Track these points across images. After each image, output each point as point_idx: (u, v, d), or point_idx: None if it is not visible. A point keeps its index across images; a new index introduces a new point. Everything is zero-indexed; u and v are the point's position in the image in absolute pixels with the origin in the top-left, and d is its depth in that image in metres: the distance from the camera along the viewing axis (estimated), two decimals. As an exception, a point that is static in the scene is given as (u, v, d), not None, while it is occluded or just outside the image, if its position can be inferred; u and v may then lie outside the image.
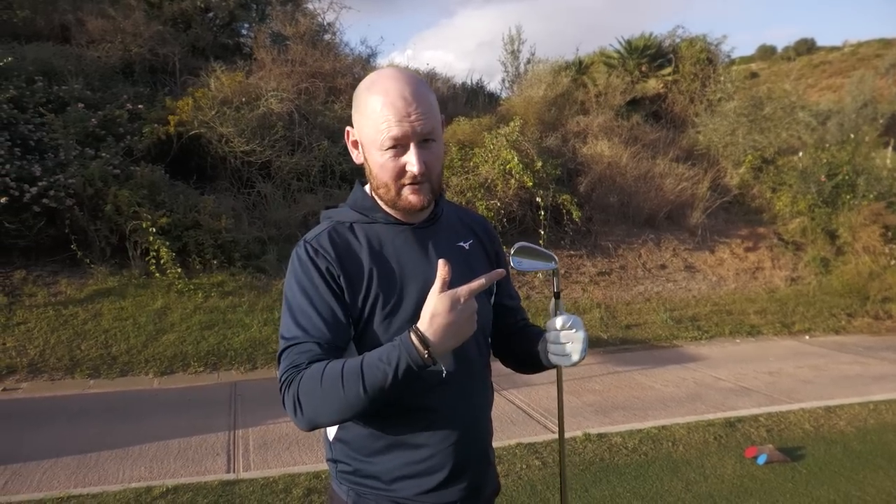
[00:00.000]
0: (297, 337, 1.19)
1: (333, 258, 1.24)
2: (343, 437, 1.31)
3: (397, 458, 1.27)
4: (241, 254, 7.56)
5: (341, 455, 1.32)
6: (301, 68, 9.95)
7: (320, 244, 1.26)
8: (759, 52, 43.93)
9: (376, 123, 1.19)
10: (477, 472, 1.35)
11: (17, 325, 6.12)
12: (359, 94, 1.25)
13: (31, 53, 8.64)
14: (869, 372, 6.65)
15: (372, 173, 1.26)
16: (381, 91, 1.20)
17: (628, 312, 8.43)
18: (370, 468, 1.29)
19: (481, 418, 1.38)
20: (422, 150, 1.20)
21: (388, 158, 1.20)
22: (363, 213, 1.31)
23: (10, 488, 3.62)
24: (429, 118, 1.20)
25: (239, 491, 3.56)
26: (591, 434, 4.52)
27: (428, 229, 1.34)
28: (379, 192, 1.27)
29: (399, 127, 1.17)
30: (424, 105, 1.20)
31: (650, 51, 13.38)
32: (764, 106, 11.38)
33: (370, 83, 1.23)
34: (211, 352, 6.25)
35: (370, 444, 1.28)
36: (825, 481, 3.86)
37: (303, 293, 1.22)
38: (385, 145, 1.19)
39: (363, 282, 1.24)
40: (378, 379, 1.07)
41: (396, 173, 1.21)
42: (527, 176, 8.76)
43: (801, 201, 10.68)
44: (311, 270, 1.23)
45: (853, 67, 23.87)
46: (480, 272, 1.33)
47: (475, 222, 1.48)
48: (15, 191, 6.53)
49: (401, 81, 1.20)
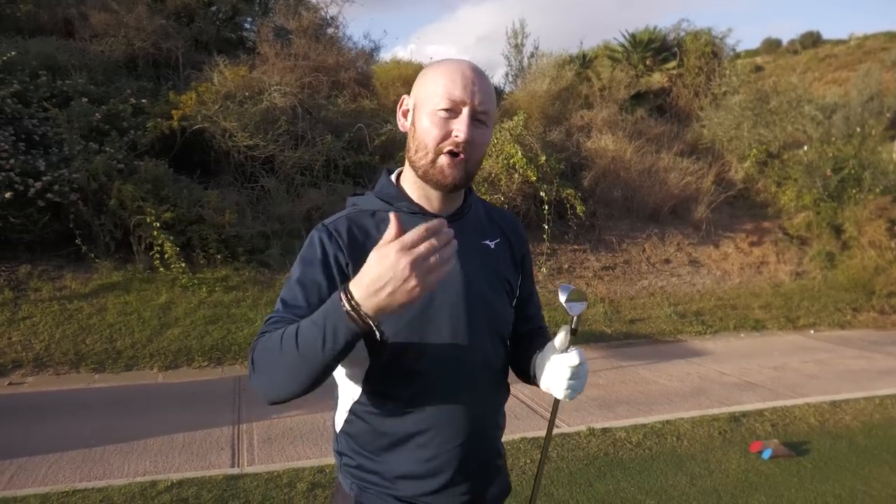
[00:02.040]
0: (278, 310, 1.18)
1: (346, 244, 1.21)
2: (349, 431, 1.29)
3: (400, 457, 1.24)
4: (245, 248, 7.56)
5: (346, 448, 1.31)
6: (304, 62, 9.93)
7: (336, 228, 1.23)
8: (764, 46, 43.61)
9: (440, 84, 1.19)
10: (482, 477, 1.31)
11: (22, 319, 6.13)
12: (427, 67, 1.27)
13: (35, 48, 8.63)
14: (874, 366, 6.63)
15: (415, 135, 1.22)
16: (453, 61, 1.23)
17: (632, 307, 8.41)
18: (373, 465, 1.26)
19: (490, 424, 1.33)
20: (473, 124, 1.19)
21: (438, 120, 1.18)
22: (387, 202, 1.27)
23: (16, 482, 3.63)
24: (488, 99, 1.21)
25: (243, 485, 3.57)
26: (595, 429, 4.52)
27: (455, 224, 1.23)
28: (415, 157, 1.22)
29: (462, 90, 1.17)
30: (487, 86, 1.21)
31: (655, 44, 13.31)
32: (769, 100, 11.32)
33: (441, 59, 1.27)
34: (215, 346, 6.26)
35: (374, 441, 1.26)
36: (830, 476, 3.85)
37: (300, 270, 1.21)
38: (440, 105, 1.17)
39: None
40: (310, 341, 1.00)
41: (441, 136, 1.18)
42: (531, 170, 8.73)
43: (806, 195, 10.64)
44: (317, 252, 1.21)
45: (859, 61, 23.68)
46: (505, 273, 1.34)
47: (506, 222, 1.43)
48: (20, 185, 6.53)
49: (472, 64, 1.23)
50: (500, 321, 1.32)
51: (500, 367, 1.33)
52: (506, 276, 1.34)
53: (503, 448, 1.40)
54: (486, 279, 1.15)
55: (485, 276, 1.17)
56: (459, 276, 1.24)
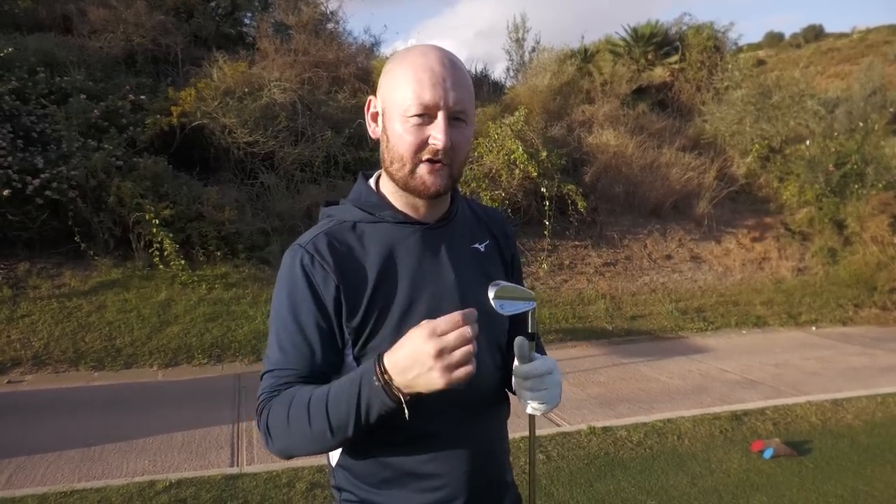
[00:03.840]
0: (278, 360, 1.10)
1: (332, 267, 1.10)
2: (346, 465, 1.19)
3: (407, 489, 1.15)
4: (245, 245, 7.54)
5: (345, 483, 1.20)
6: (304, 58, 9.88)
7: (317, 250, 1.11)
8: (766, 39, 43.44)
9: (407, 86, 1.06)
10: (494, 497, 1.24)
11: (21, 317, 6.12)
12: (392, 60, 1.14)
13: (33, 44, 8.59)
14: (876, 364, 6.60)
15: (388, 145, 1.11)
16: (419, 54, 1.09)
17: (633, 303, 8.39)
18: (378, 499, 1.16)
19: (496, 442, 1.25)
20: (451, 126, 1.07)
21: (412, 127, 1.06)
22: (368, 212, 1.16)
23: (15, 482, 3.62)
24: (464, 94, 1.08)
25: (242, 485, 3.55)
26: (595, 427, 4.50)
27: (442, 230, 1.20)
28: (391, 168, 1.12)
29: (432, 91, 1.04)
30: (461, 79, 1.08)
31: (656, 38, 13.23)
32: (772, 94, 11.25)
33: (406, 51, 1.13)
34: (215, 344, 6.24)
35: (376, 473, 1.15)
36: (832, 476, 3.83)
37: (290, 310, 1.11)
38: (411, 111, 1.05)
39: (366, 292, 1.11)
40: (343, 419, 0.98)
41: (417, 146, 1.07)
42: (532, 166, 8.69)
43: (808, 191, 10.59)
44: (302, 283, 1.10)
45: (862, 54, 23.58)
46: (496, 276, 1.23)
47: (492, 221, 1.34)
48: (18, 183, 6.51)
49: (440, 51, 1.10)
50: (497, 331, 1.25)
51: (500, 379, 1.26)
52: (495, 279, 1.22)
53: (510, 463, 1.33)
54: (481, 287, 1.07)
55: (479, 284, 1.11)
56: (455, 288, 1.17)
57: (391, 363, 0.95)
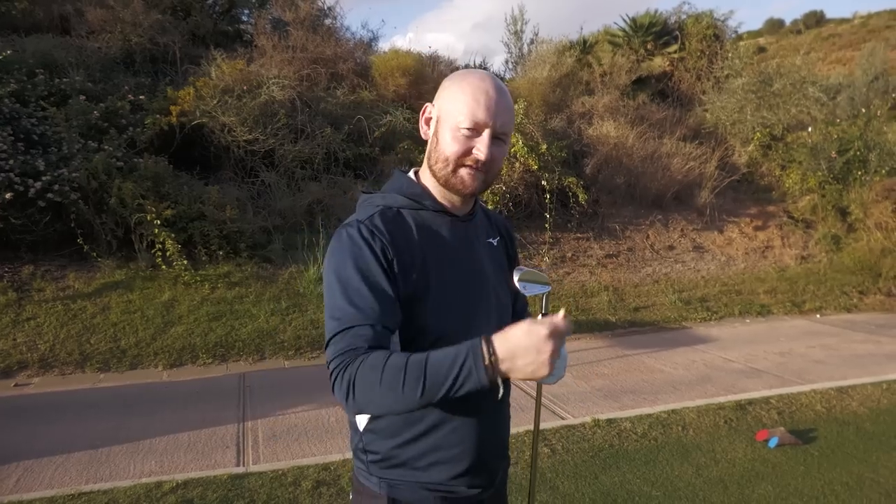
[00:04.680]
0: (353, 317, 1.18)
1: (388, 240, 1.25)
2: (374, 428, 1.34)
3: (427, 445, 1.31)
4: (247, 244, 7.54)
5: (372, 445, 1.35)
6: (302, 54, 9.86)
7: (375, 225, 1.27)
8: (766, 26, 43.21)
9: (464, 104, 1.25)
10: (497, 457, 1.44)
11: (26, 320, 6.15)
12: (452, 78, 1.33)
13: (31, 46, 8.60)
14: (882, 350, 6.59)
15: (437, 147, 1.30)
16: (478, 79, 1.29)
17: (636, 294, 8.38)
18: (402, 455, 1.32)
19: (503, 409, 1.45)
20: (493, 143, 1.27)
21: (462, 137, 1.26)
22: (413, 199, 1.34)
23: (23, 485, 3.64)
24: (508, 119, 1.29)
25: (248, 484, 3.57)
26: (600, 420, 4.50)
27: (468, 222, 1.41)
28: (436, 167, 1.31)
29: (485, 112, 1.24)
30: (508, 107, 1.29)
31: (656, 28, 13.16)
32: (773, 82, 11.18)
33: (466, 72, 1.33)
34: (219, 343, 6.26)
35: (405, 431, 1.31)
36: (838, 463, 3.82)
37: (357, 272, 1.22)
38: (464, 125, 1.25)
39: (415, 266, 1.27)
40: (438, 384, 1.07)
41: (462, 153, 1.27)
42: (532, 159, 8.67)
43: (811, 178, 10.54)
44: (366, 250, 1.23)
45: (863, 40, 23.43)
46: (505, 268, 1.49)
47: (500, 223, 1.57)
48: (19, 186, 6.52)
49: (495, 80, 1.30)
50: (505, 314, 1.44)
51: None
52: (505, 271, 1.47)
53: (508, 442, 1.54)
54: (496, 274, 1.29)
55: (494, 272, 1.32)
56: (482, 274, 1.37)
57: (504, 348, 1.04)
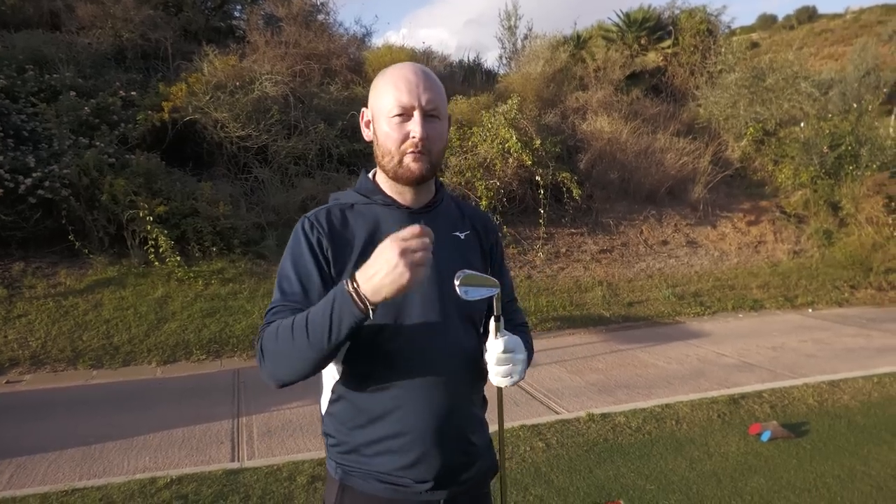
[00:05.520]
0: (278, 299, 1.30)
1: (325, 232, 1.34)
2: (332, 411, 1.40)
3: (377, 431, 1.34)
4: (241, 240, 7.52)
5: (330, 429, 1.41)
6: (295, 50, 9.83)
7: (317, 219, 1.36)
8: (759, 22, 43.23)
9: (388, 93, 1.31)
10: (458, 454, 1.38)
11: (17, 317, 6.11)
12: (377, 77, 1.39)
13: (21, 41, 8.52)
14: (873, 344, 6.63)
15: (378, 144, 1.35)
16: (397, 68, 1.35)
17: (630, 290, 8.40)
18: (353, 440, 1.36)
19: (462, 402, 1.40)
20: (426, 122, 1.30)
21: (395, 125, 1.30)
22: (364, 195, 1.41)
23: (16, 482, 3.62)
24: (435, 95, 1.32)
25: (243, 480, 3.56)
26: (594, 414, 4.52)
27: (425, 214, 1.40)
28: (383, 161, 1.35)
29: (408, 95, 1.29)
30: (432, 86, 1.32)
31: (649, 23, 13.17)
32: (765, 77, 11.21)
33: (388, 67, 1.38)
34: (213, 339, 6.24)
35: (354, 419, 1.35)
36: (829, 456, 3.85)
37: (290, 260, 1.34)
38: (392, 112, 1.30)
39: (352, 256, 1.32)
40: (321, 326, 1.14)
41: (400, 139, 1.31)
42: (526, 154, 8.67)
43: (803, 173, 10.59)
44: (302, 241, 1.33)
45: (855, 35, 23.48)
46: (474, 262, 1.46)
47: (476, 217, 1.55)
48: (10, 182, 6.48)
49: (414, 66, 1.35)
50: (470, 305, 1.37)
51: (472, 349, 1.41)
52: (474, 266, 1.42)
53: (484, 428, 1.48)
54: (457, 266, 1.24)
55: (455, 264, 1.28)
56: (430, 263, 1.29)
57: (361, 274, 1.11)
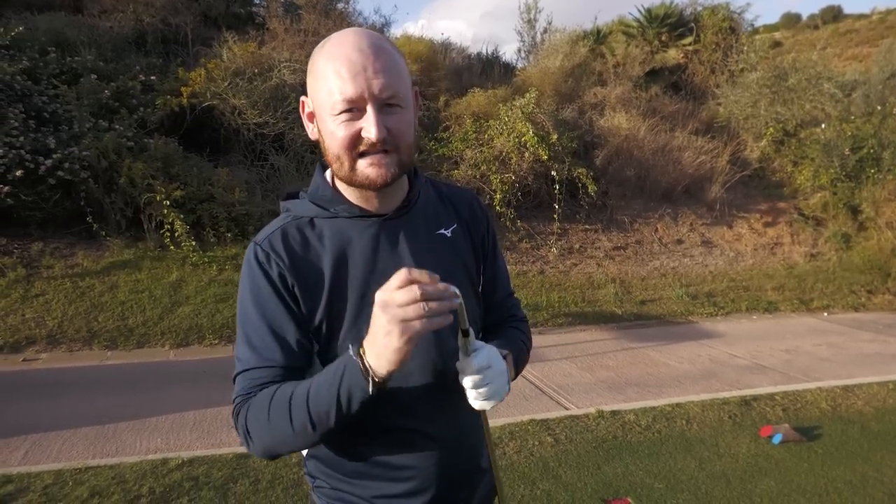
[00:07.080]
0: (249, 358, 1.06)
1: (286, 264, 1.07)
2: (317, 455, 1.19)
3: (376, 481, 1.14)
4: (255, 227, 7.55)
5: (317, 472, 1.20)
6: (314, 38, 9.80)
7: (272, 247, 1.08)
8: (783, 21, 42.76)
9: (329, 83, 0.99)
10: (466, 485, 1.21)
11: (35, 296, 6.19)
12: (313, 54, 1.05)
13: (44, 24, 8.59)
14: (889, 350, 6.55)
15: (325, 144, 1.05)
16: (336, 44, 1.01)
17: (643, 288, 8.35)
18: (349, 488, 1.16)
19: (468, 430, 1.20)
20: (383, 114, 1.00)
21: (341, 124, 1.00)
22: (323, 206, 1.11)
23: (31, 458, 3.68)
24: (391, 77, 1.00)
25: (253, 464, 3.59)
26: (604, 411, 4.51)
27: (402, 219, 1.14)
28: (334, 167, 1.06)
29: (353, 84, 0.97)
30: (386, 61, 1.00)
31: (671, 19, 13.03)
32: (788, 77, 11.06)
33: (325, 41, 1.04)
34: (226, 324, 6.29)
35: (346, 464, 1.15)
36: (841, 462, 3.81)
37: (255, 305, 1.07)
38: (337, 108, 0.99)
39: (323, 290, 1.07)
40: (326, 408, 0.96)
41: (350, 141, 1.00)
42: (542, 149, 8.63)
43: (823, 175, 10.45)
44: (261, 279, 1.07)
45: (881, 36, 23.14)
46: (465, 261, 1.21)
47: (460, 201, 1.26)
48: (30, 163, 6.55)
49: (358, 35, 1.01)
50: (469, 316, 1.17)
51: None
52: (466, 265, 1.21)
53: (486, 451, 1.27)
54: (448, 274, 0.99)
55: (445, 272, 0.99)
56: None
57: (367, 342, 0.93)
